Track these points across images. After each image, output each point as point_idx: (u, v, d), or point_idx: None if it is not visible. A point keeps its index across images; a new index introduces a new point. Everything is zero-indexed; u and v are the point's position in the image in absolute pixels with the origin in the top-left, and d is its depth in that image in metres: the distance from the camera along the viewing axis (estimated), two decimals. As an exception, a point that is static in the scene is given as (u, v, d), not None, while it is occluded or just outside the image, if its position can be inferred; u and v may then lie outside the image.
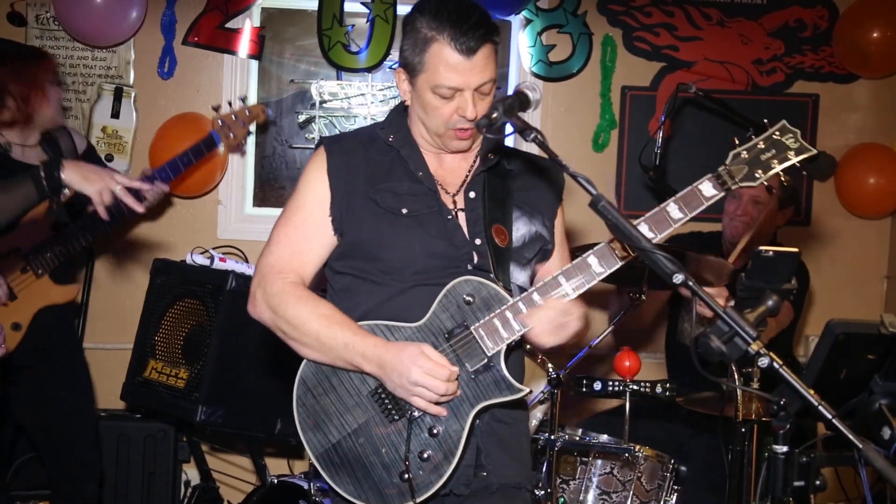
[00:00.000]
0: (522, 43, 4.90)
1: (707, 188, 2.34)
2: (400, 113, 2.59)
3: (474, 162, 2.57)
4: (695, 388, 3.74)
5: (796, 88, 5.04)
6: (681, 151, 4.91)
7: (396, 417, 2.38)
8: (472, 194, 2.52)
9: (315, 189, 2.49)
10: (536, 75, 4.90)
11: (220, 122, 4.04)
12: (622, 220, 2.05)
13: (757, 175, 2.32)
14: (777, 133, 2.36)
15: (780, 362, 1.91)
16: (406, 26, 2.44)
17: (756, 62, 5.02)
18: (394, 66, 4.91)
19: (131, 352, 4.06)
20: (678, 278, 1.97)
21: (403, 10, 4.82)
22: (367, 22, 4.83)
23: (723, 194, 2.34)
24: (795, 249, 2.29)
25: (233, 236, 4.82)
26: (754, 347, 1.90)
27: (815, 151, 2.34)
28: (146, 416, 4.41)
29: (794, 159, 2.34)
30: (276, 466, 4.61)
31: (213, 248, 4.08)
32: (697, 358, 1.94)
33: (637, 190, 4.95)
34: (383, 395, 2.39)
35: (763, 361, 1.90)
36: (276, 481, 3.87)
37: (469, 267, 2.44)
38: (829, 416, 1.88)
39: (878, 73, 5.01)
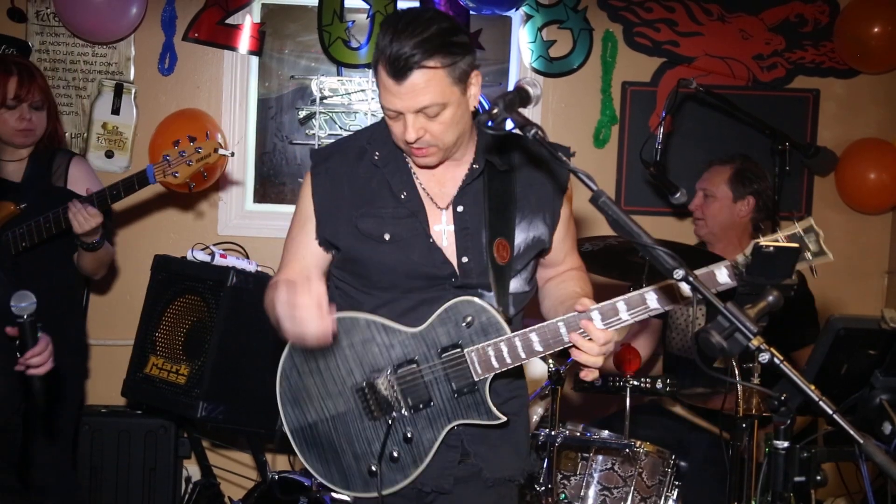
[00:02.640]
0: (523, 39, 4.90)
1: (721, 275, 2.31)
2: (384, 122, 2.51)
3: (470, 168, 2.52)
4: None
5: (797, 84, 5.04)
6: (681, 147, 4.91)
7: (376, 416, 2.46)
8: (459, 209, 2.49)
9: (304, 210, 2.55)
10: (537, 71, 4.90)
11: (165, 156, 3.63)
12: (622, 216, 2.05)
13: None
14: (801, 231, 2.35)
15: (781, 358, 1.91)
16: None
17: (757, 57, 5.01)
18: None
19: (132, 348, 4.06)
20: (679, 273, 1.97)
21: (404, 5, 4.82)
22: (367, 18, 4.83)
23: (734, 284, 2.31)
24: (796, 245, 2.28)
25: (233, 232, 4.83)
26: (755, 343, 1.90)
27: (830, 258, 2.35)
28: (147, 412, 4.41)
29: (810, 261, 2.34)
30: (277, 462, 4.62)
31: (214, 245, 4.07)
32: (698, 354, 1.94)
33: (638, 186, 4.95)
34: (367, 393, 2.46)
35: (764, 357, 1.90)
36: (276, 477, 3.87)
37: (454, 287, 2.45)
38: (830, 412, 1.87)
39: (878, 69, 5.01)
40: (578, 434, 3.62)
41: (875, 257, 5.14)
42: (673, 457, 3.60)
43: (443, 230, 2.48)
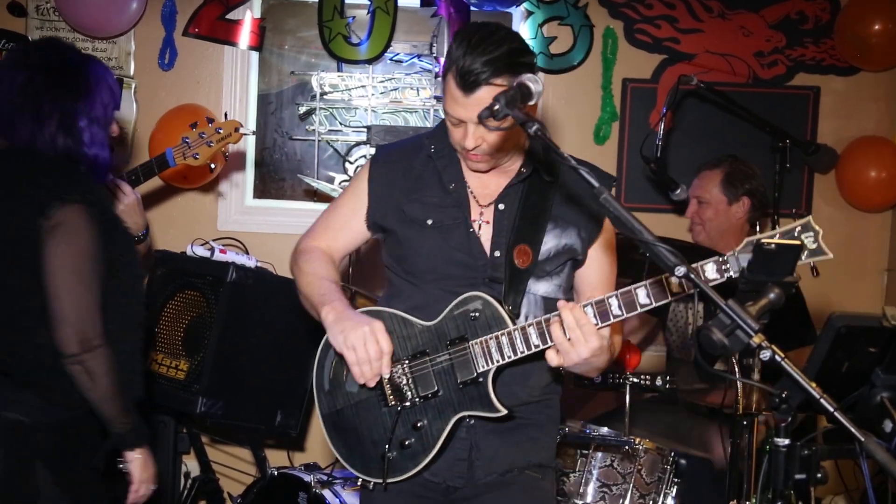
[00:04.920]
0: (523, 35, 4.88)
1: (710, 270, 2.34)
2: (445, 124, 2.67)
3: (518, 171, 2.65)
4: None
5: (797, 81, 5.04)
6: (682, 144, 4.91)
7: (391, 404, 2.57)
8: (500, 206, 2.62)
9: (357, 194, 2.72)
10: (538, 67, 4.89)
11: (185, 139, 3.71)
12: (623, 213, 2.05)
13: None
14: (799, 228, 2.36)
15: (782, 355, 1.90)
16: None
17: (757, 54, 5.01)
18: (395, 58, 4.92)
19: (132, 343, 4.05)
20: (680, 271, 1.97)
21: (404, 1, 4.82)
22: (367, 13, 4.82)
23: (722, 279, 2.32)
24: (797, 242, 2.28)
25: (233, 228, 4.83)
26: (756, 340, 1.90)
27: (829, 256, 2.35)
28: (146, 407, 4.40)
29: (806, 259, 2.34)
30: (276, 458, 4.62)
31: (214, 240, 4.07)
32: (699, 352, 1.94)
33: (638, 182, 4.94)
34: (385, 381, 2.56)
35: (765, 354, 1.90)
36: (276, 473, 3.86)
37: (485, 278, 2.57)
38: (831, 409, 1.87)
39: (879, 66, 5.00)
40: (578, 430, 3.61)
41: (875, 255, 5.14)
42: (672, 454, 3.60)
43: (481, 224, 2.61)
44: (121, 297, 2.81)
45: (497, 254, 2.58)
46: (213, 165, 3.80)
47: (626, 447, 3.52)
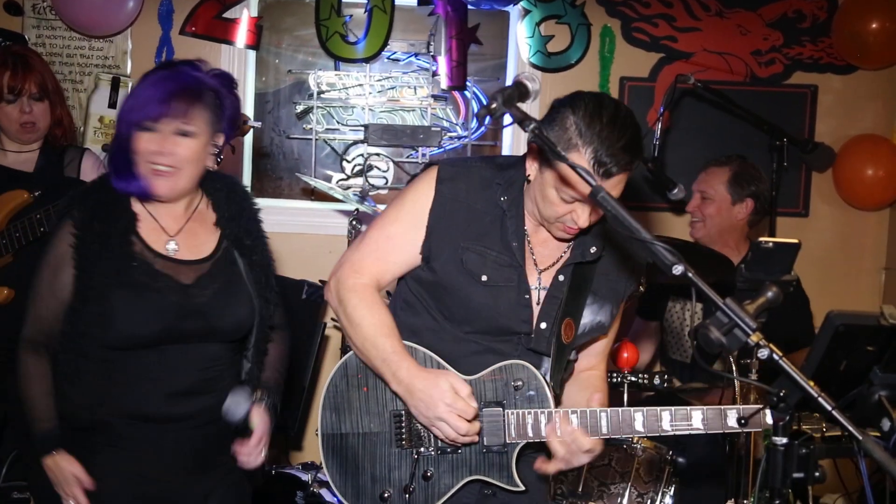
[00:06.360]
0: (521, 33, 4.89)
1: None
2: (519, 169, 2.51)
3: (582, 250, 2.53)
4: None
5: (795, 79, 5.04)
6: (679, 143, 4.91)
7: (405, 445, 2.49)
8: (560, 277, 2.52)
9: (416, 214, 2.50)
10: (535, 66, 4.89)
11: None
12: (621, 212, 2.04)
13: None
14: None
15: (780, 353, 1.90)
16: (556, 113, 2.36)
17: (755, 53, 5.01)
18: (392, 57, 4.91)
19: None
20: (678, 269, 1.96)
21: (401, 0, 4.82)
22: (364, 12, 4.82)
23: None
24: (796, 241, 2.28)
25: (230, 227, 4.81)
26: (754, 339, 1.89)
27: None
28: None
29: None
30: (275, 457, 4.60)
31: (211, 239, 4.05)
32: (697, 351, 1.93)
33: (635, 181, 4.94)
34: (402, 421, 2.49)
35: (763, 353, 1.89)
36: (273, 472, 3.86)
37: (527, 348, 2.49)
38: (829, 408, 1.87)
39: (876, 65, 5.00)
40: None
41: (872, 253, 5.14)
42: (670, 453, 3.60)
43: (536, 290, 2.51)
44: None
45: (543, 325, 2.49)
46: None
47: (624, 446, 3.52)
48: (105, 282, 2.52)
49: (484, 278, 2.45)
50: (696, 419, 2.35)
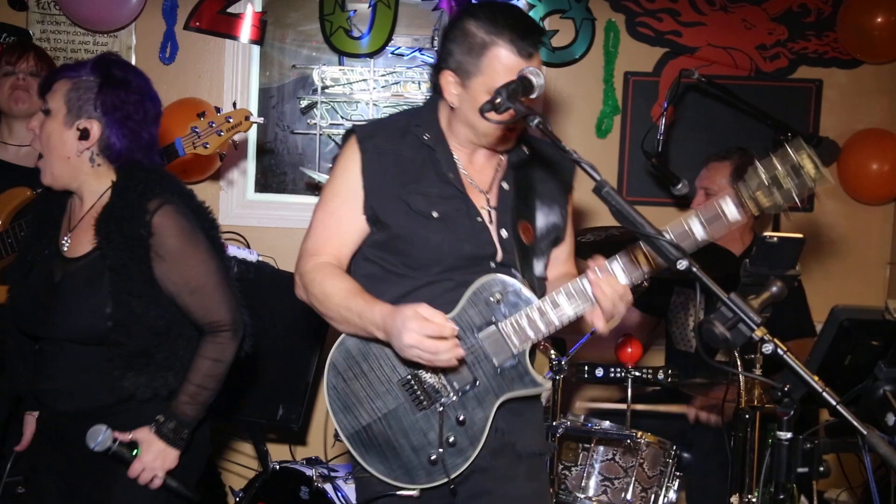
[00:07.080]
0: (525, 28, 4.88)
1: (730, 209, 2.41)
2: (431, 110, 2.63)
3: (501, 157, 2.64)
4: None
5: (800, 74, 5.02)
6: (684, 137, 4.90)
7: (426, 405, 2.51)
8: (505, 186, 2.61)
9: (350, 180, 2.56)
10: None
11: (193, 128, 3.66)
12: (625, 206, 2.05)
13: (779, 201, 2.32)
14: (793, 154, 2.35)
15: (784, 348, 1.90)
16: (455, 31, 2.48)
17: (759, 47, 5.00)
18: (396, 52, 4.90)
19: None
20: (682, 264, 1.97)
21: (405, -5, 4.82)
22: (368, 7, 4.81)
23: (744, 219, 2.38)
24: (800, 235, 2.28)
25: (234, 222, 4.81)
26: (758, 333, 1.90)
27: (831, 182, 2.34)
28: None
29: (812, 186, 2.33)
30: (278, 452, 4.61)
31: (215, 234, 4.06)
32: (701, 345, 1.93)
33: (640, 176, 4.93)
34: (413, 385, 2.50)
35: (767, 348, 1.90)
36: (277, 467, 3.87)
37: (492, 265, 2.54)
38: (834, 403, 1.87)
39: (882, 59, 4.99)
40: (580, 424, 3.61)
41: (877, 248, 5.13)
42: (674, 447, 3.60)
43: (486, 210, 2.58)
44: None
45: (504, 233, 2.55)
46: (223, 155, 3.79)
47: (628, 441, 3.52)
48: (19, 267, 2.82)
49: (435, 214, 2.51)
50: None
